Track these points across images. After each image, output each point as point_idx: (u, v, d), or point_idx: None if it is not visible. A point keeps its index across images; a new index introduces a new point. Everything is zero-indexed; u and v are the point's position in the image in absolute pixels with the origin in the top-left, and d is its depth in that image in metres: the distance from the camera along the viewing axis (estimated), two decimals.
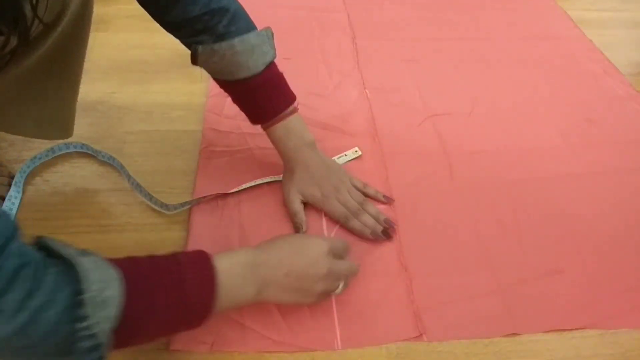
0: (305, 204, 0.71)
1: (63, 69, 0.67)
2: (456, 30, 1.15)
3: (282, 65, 0.73)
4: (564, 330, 0.62)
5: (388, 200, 0.74)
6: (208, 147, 0.80)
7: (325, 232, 0.70)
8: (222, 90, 0.72)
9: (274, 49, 0.67)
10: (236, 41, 0.63)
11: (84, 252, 0.43)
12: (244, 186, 0.73)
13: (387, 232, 0.69)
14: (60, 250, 0.42)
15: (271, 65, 0.67)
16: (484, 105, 0.94)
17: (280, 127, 0.69)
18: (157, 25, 0.67)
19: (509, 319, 0.62)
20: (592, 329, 0.62)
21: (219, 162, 0.78)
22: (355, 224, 0.68)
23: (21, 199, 0.71)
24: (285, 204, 0.71)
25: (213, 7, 0.62)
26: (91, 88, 0.91)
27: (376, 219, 0.69)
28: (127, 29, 1.07)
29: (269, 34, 0.66)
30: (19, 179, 0.72)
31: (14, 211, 0.69)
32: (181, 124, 0.86)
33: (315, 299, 0.57)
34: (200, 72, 0.72)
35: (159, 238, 0.68)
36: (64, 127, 0.74)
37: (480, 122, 0.90)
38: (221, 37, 0.63)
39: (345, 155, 0.79)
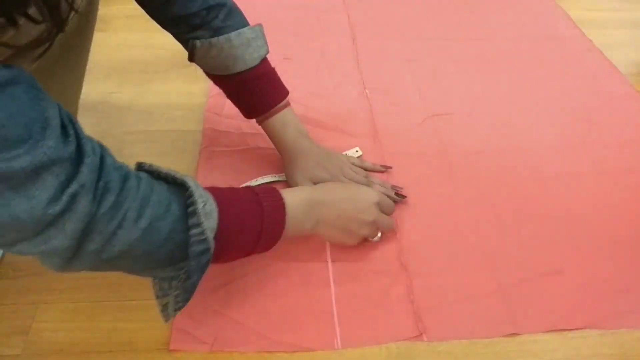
0: None
1: (68, 67, 0.67)
2: (456, 30, 1.15)
3: (282, 65, 0.73)
4: (564, 330, 0.62)
5: (386, 169, 0.78)
6: (208, 147, 0.80)
7: None
8: (222, 90, 0.72)
9: (267, 45, 0.70)
10: (233, 35, 0.65)
11: (183, 174, 0.49)
12: (245, 185, 0.73)
13: (400, 194, 0.73)
14: (164, 171, 0.48)
15: (265, 59, 0.70)
16: (484, 105, 0.94)
17: (277, 119, 0.71)
18: (157, 25, 0.67)
19: (509, 319, 0.62)
20: (592, 329, 0.62)
21: (219, 162, 0.78)
22: None
23: None
24: None
25: (211, 3, 0.64)
26: (91, 88, 0.91)
27: (384, 187, 0.73)
28: (127, 29, 1.07)
29: (261, 29, 0.69)
30: None
31: None
32: (181, 124, 0.86)
33: (356, 241, 0.65)
34: (200, 72, 0.72)
35: None
36: None
37: (480, 122, 0.90)
38: (218, 32, 0.65)
39: (346, 154, 0.79)
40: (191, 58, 0.69)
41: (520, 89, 0.99)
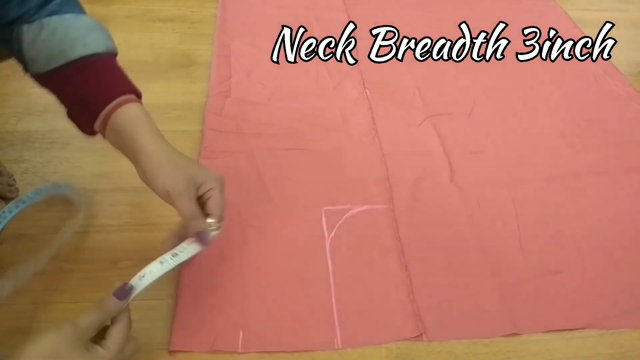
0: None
1: None
2: (456, 30, 1.14)
3: (282, 65, 0.73)
4: (564, 330, 0.62)
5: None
6: (208, 147, 0.80)
7: (326, 232, 0.70)
8: (222, 90, 0.70)
9: (116, 47, 0.58)
10: (69, 16, 0.54)
11: None
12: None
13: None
14: None
15: (114, 57, 0.57)
16: (484, 105, 0.94)
17: (127, 111, 0.54)
18: (157, 25, 0.67)
19: (509, 319, 0.62)
20: (592, 329, 0.62)
21: (219, 162, 0.78)
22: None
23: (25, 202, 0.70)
24: (175, 204, 0.53)
25: None
26: None
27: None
28: (127, 29, 1.07)
29: (108, 35, 0.57)
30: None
31: (14, 212, 0.68)
32: (181, 124, 0.86)
33: None
34: (200, 72, 0.72)
35: (159, 238, 0.67)
36: None
37: (480, 122, 0.90)
38: (53, 13, 0.54)
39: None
40: (19, 50, 0.54)
41: (520, 89, 0.99)
